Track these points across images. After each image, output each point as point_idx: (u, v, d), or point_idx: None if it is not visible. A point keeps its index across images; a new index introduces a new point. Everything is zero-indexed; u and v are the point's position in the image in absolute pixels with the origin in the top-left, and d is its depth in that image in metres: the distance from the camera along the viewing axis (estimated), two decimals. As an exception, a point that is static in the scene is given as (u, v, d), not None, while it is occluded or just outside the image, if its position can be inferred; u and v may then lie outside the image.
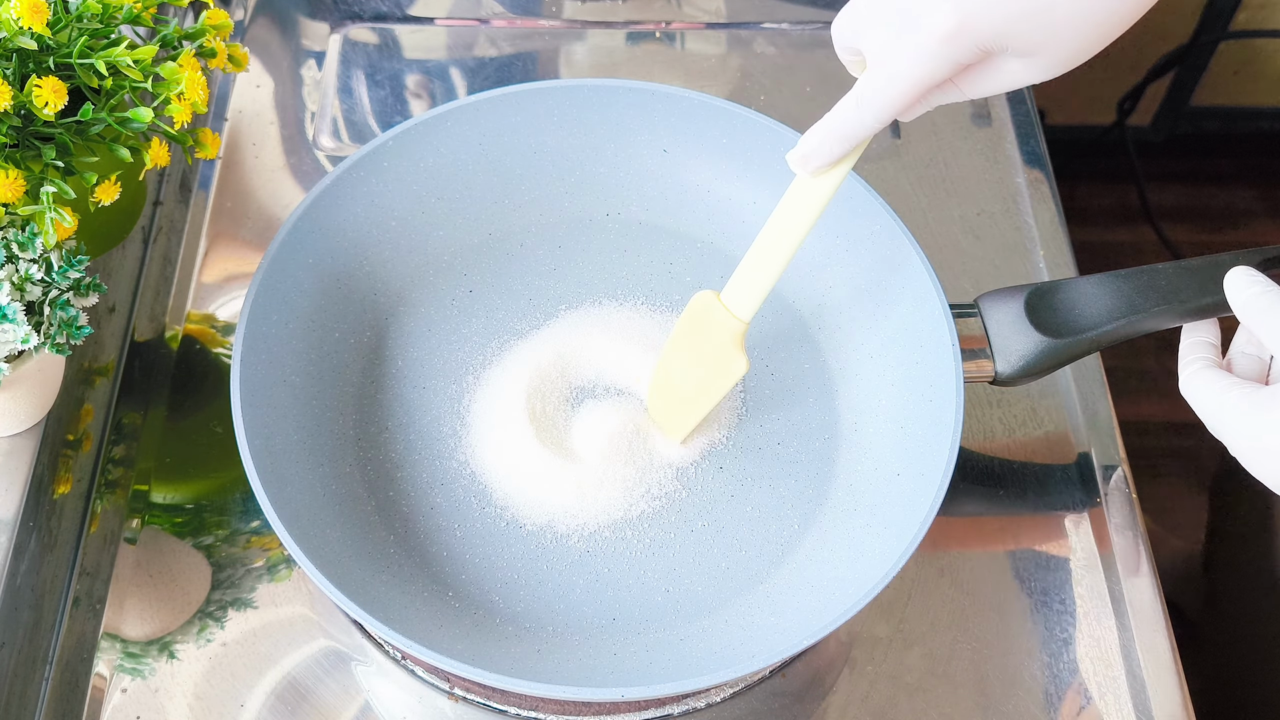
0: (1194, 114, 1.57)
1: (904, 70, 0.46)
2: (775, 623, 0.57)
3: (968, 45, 0.45)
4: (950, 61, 0.45)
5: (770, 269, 0.57)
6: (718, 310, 0.59)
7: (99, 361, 0.68)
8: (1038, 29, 0.44)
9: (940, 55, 0.45)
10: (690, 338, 0.61)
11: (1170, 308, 0.61)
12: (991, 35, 0.44)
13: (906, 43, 0.46)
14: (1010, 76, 0.47)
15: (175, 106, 0.57)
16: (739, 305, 0.58)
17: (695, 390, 0.61)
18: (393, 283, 0.67)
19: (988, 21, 0.44)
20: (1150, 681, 0.61)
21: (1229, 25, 1.43)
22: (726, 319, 0.59)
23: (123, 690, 0.60)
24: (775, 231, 0.56)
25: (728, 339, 0.59)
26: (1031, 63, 0.45)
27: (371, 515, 0.61)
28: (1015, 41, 0.44)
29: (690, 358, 0.61)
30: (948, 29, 0.44)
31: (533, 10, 0.87)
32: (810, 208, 0.54)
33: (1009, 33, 0.44)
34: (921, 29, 0.45)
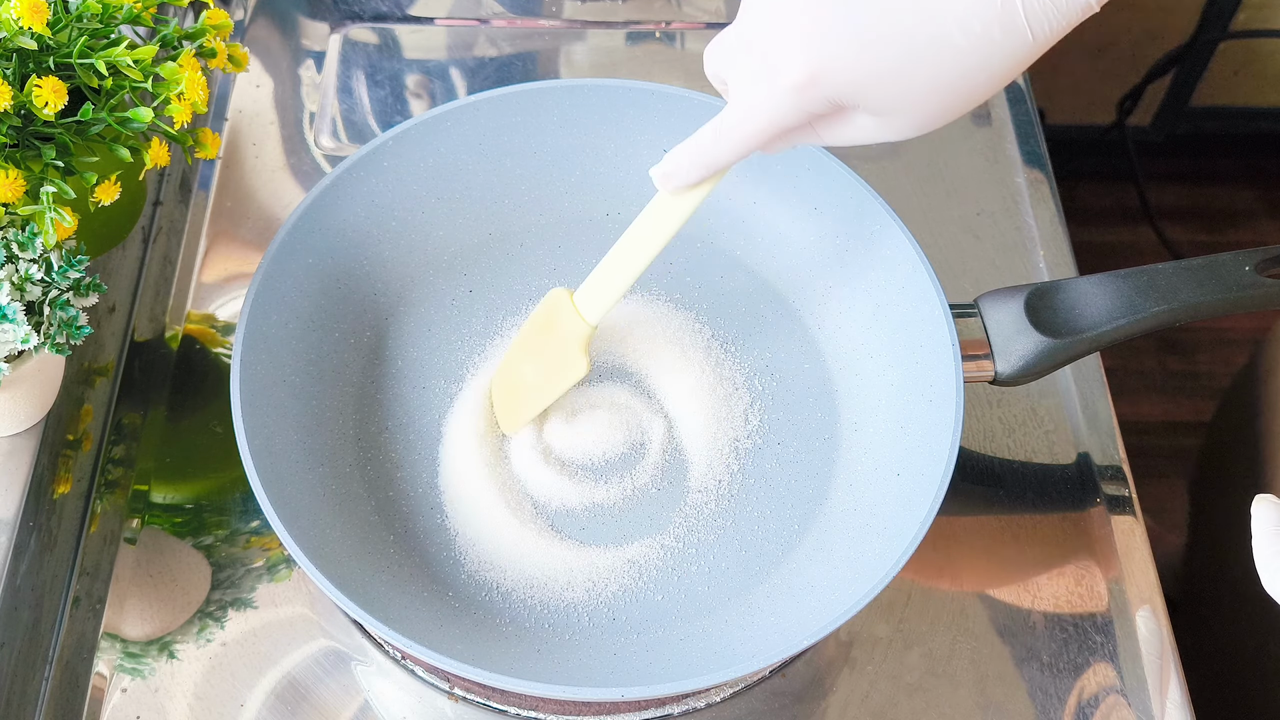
0: (1194, 114, 1.57)
1: (757, 111, 0.47)
2: (775, 623, 0.57)
3: (818, 98, 0.45)
4: (801, 110, 0.46)
5: (622, 278, 0.57)
6: (568, 310, 0.59)
7: (99, 361, 0.68)
8: (890, 92, 0.44)
9: (791, 103, 0.45)
10: (539, 333, 0.61)
11: (1170, 308, 0.61)
12: (843, 91, 0.44)
13: (761, 86, 0.46)
14: (864, 132, 0.47)
15: (175, 106, 0.57)
16: (588, 309, 0.59)
17: (535, 384, 0.61)
18: (393, 283, 0.67)
19: (840, 78, 0.44)
20: (1151, 681, 0.61)
21: (1229, 25, 1.43)
22: (575, 320, 0.59)
23: (123, 690, 0.60)
24: (632, 242, 0.56)
25: (573, 339, 0.59)
26: (884, 122, 0.45)
27: (371, 515, 0.61)
28: (867, 101, 0.44)
29: (536, 352, 0.61)
30: (798, 79, 0.44)
31: (533, 10, 0.87)
32: (668, 223, 0.55)
33: (861, 92, 0.44)
34: (775, 75, 0.45)
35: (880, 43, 0.42)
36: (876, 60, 0.43)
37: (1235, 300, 0.61)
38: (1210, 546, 0.91)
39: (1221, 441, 0.96)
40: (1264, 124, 1.59)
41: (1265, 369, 0.87)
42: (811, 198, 0.67)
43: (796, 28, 0.44)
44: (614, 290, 0.58)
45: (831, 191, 0.66)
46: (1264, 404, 0.84)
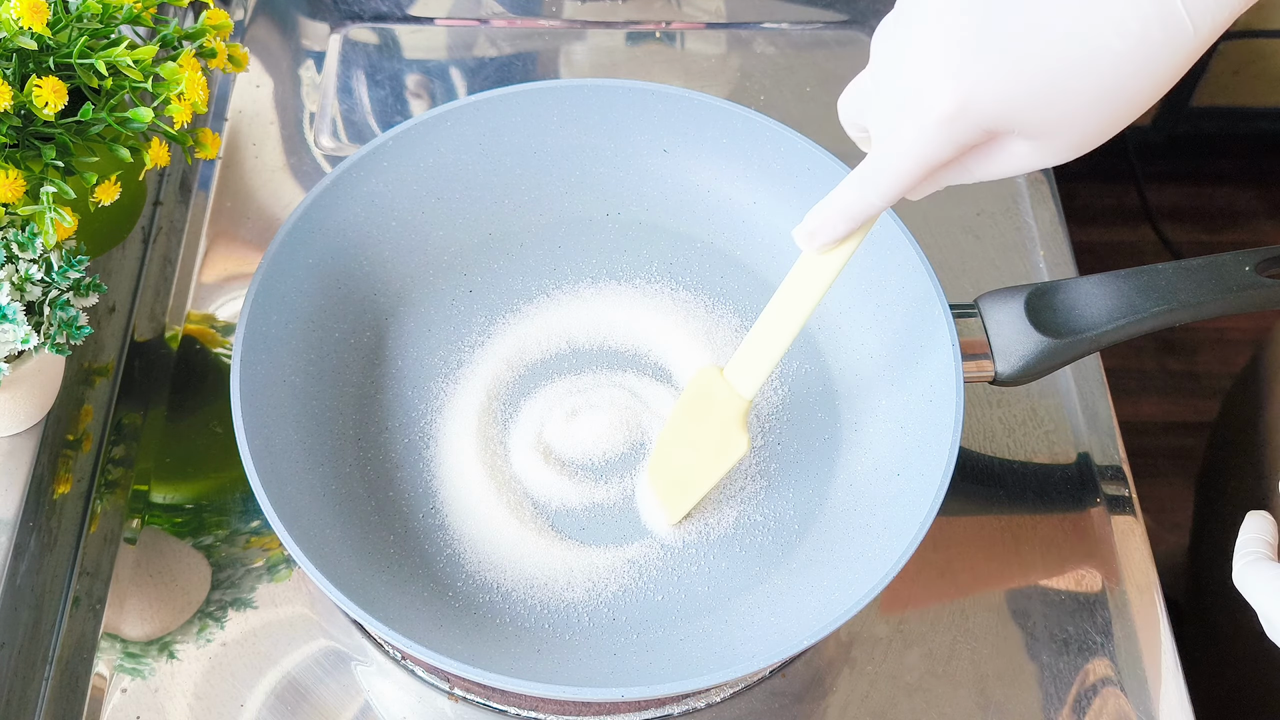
0: (1194, 114, 1.57)
1: (905, 150, 0.44)
2: (775, 623, 0.57)
3: (970, 126, 0.42)
4: (953, 142, 0.43)
5: (775, 346, 0.55)
6: (720, 386, 0.57)
7: (99, 361, 0.68)
8: (1045, 111, 0.41)
9: (942, 136, 0.42)
10: (692, 414, 0.59)
11: (1170, 308, 0.61)
12: (996, 116, 0.41)
13: (908, 122, 0.43)
14: (1020, 160, 0.44)
15: (175, 106, 0.57)
16: (742, 383, 0.56)
17: (695, 469, 0.59)
18: (393, 283, 0.67)
19: (991, 102, 0.41)
20: (1151, 680, 0.61)
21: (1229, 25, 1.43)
22: (729, 396, 0.57)
23: (123, 690, 0.60)
24: (781, 308, 0.54)
25: (730, 417, 0.57)
26: (1041, 145, 0.43)
27: (371, 515, 0.61)
28: (1022, 124, 0.42)
29: (691, 435, 0.59)
30: (949, 109, 0.41)
31: (533, 10, 0.87)
32: (817, 284, 0.52)
33: (1015, 115, 0.41)
34: (923, 108, 0.42)
35: (1031, 59, 0.40)
36: (1030, 79, 0.40)
37: (1235, 300, 0.61)
38: (1213, 547, 0.91)
39: (1224, 440, 0.96)
40: (1264, 124, 1.59)
41: (1268, 369, 0.87)
42: (812, 198, 0.66)
43: (939, 55, 0.41)
44: (768, 361, 0.55)
45: (831, 191, 0.66)
46: (1267, 403, 0.84)
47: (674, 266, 0.69)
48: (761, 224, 0.69)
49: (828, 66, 0.84)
